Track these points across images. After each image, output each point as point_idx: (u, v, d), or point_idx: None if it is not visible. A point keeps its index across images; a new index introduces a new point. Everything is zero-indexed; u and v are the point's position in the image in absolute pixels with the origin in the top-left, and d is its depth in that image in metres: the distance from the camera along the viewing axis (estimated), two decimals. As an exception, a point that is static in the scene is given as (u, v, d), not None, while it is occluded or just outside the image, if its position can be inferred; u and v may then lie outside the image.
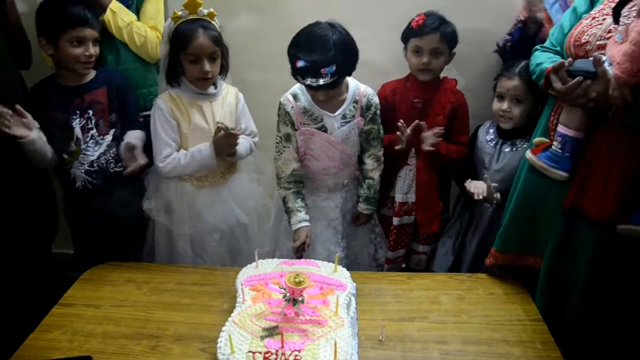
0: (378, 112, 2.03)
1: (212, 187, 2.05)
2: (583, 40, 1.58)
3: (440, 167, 2.16)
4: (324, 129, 1.99)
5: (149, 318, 1.66)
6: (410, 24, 2.06)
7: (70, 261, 2.18)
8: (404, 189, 2.19)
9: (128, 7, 2.14)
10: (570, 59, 1.56)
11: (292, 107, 1.98)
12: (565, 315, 1.71)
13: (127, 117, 2.06)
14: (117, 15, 2.06)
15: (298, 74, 1.82)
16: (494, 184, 2.02)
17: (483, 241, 2.12)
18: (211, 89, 2.02)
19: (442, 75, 2.15)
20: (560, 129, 1.63)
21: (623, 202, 1.54)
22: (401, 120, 2.03)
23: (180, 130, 1.99)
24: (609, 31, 1.53)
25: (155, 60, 2.23)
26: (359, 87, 2.01)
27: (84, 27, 1.88)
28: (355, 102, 1.99)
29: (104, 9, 2.04)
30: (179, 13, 1.91)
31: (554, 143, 1.65)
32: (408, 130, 2.04)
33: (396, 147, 2.06)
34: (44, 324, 1.63)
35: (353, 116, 1.99)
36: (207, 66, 1.92)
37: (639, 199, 1.55)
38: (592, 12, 1.62)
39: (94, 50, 1.92)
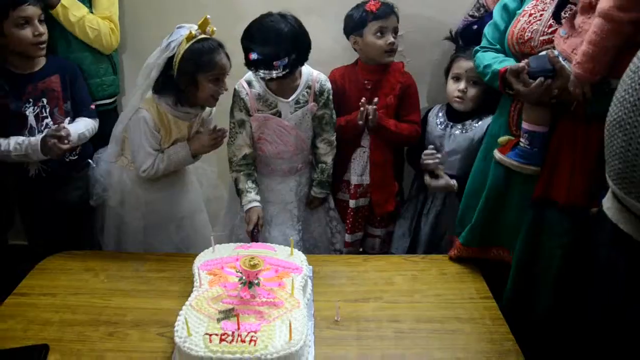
0: (331, 97, 2.08)
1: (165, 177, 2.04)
2: (526, 37, 1.64)
3: (393, 146, 2.20)
4: (278, 114, 2.02)
5: (106, 305, 1.66)
6: (364, 10, 2.07)
7: (25, 252, 2.16)
8: (359, 170, 2.23)
9: None
10: (526, 60, 1.59)
11: (247, 93, 2.01)
12: (534, 310, 1.75)
13: (80, 106, 2.03)
14: (69, 11, 2.03)
15: (251, 65, 1.87)
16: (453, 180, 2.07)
17: (437, 222, 2.17)
18: (205, 114, 2.03)
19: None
20: (526, 126, 1.66)
21: (590, 187, 1.59)
22: (364, 98, 2.05)
23: (162, 137, 1.96)
24: (550, 26, 1.59)
25: (110, 51, 2.22)
26: (311, 73, 2.05)
27: (25, 6, 1.82)
28: (309, 87, 2.03)
29: (53, 5, 2.00)
30: (194, 32, 1.81)
31: (521, 140, 1.69)
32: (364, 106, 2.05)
33: (358, 122, 2.07)
34: (-1, 313, 1.62)
35: (306, 101, 2.04)
36: (225, 85, 1.89)
37: (604, 181, 1.60)
38: (526, 9, 1.67)
39: (42, 28, 1.87)
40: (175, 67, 1.82)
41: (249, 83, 2.02)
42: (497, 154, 1.76)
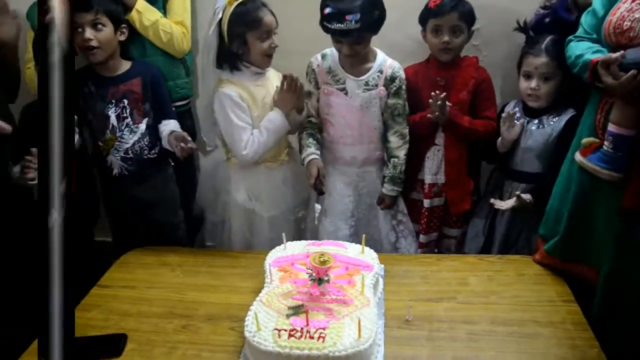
0: (404, 87, 2.06)
1: (281, 166, 2.13)
2: (625, 27, 1.48)
3: (468, 143, 2.13)
4: (344, 91, 2.04)
5: (181, 299, 1.71)
6: (427, 4, 2.06)
7: (110, 248, 2.26)
8: (433, 169, 2.17)
9: (154, 2, 2.18)
10: (622, 52, 1.45)
11: (318, 65, 2.09)
12: (622, 341, 1.62)
13: (161, 108, 2.12)
14: (143, 15, 2.11)
15: (325, 20, 1.91)
16: (524, 195, 1.96)
17: (513, 221, 2.08)
18: (271, 71, 2.09)
19: (463, 54, 2.14)
20: (611, 127, 1.53)
21: None
22: (435, 92, 1.99)
23: (251, 114, 2.01)
24: None
25: (182, 55, 2.28)
26: (386, 59, 2.07)
27: (75, 13, 1.87)
28: (380, 71, 2.05)
29: (130, 8, 2.09)
30: None
31: (605, 143, 1.55)
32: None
33: (430, 116, 2.01)
34: (83, 303, 1.71)
35: (376, 85, 2.04)
36: (276, 41, 1.98)
37: None
38: None
39: (90, 34, 1.90)
40: (225, 33, 1.93)
41: (323, 56, 2.09)
42: (577, 156, 1.63)
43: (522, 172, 2.03)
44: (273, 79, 2.08)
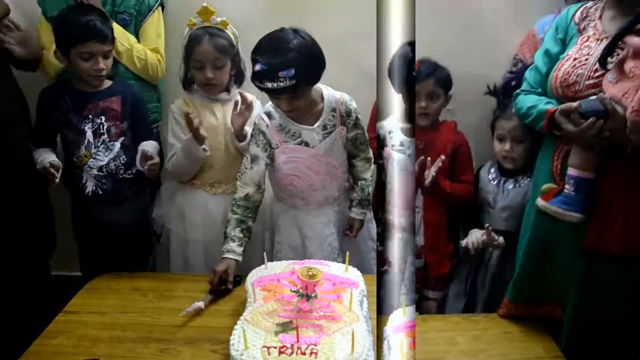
0: (359, 116, 1.99)
1: (226, 194, 2.05)
2: (571, 81, 1.60)
3: (447, 207, 2.16)
4: (304, 143, 1.93)
5: (156, 323, 1.64)
6: None
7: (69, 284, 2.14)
8: None
9: (126, 26, 2.17)
10: (577, 102, 1.55)
11: (267, 125, 1.92)
12: None
13: (141, 128, 2.10)
14: (117, 41, 2.09)
15: (256, 78, 1.76)
16: (494, 230, 2.01)
17: (495, 282, 2.09)
18: (223, 95, 2.06)
19: (441, 119, 2.20)
20: (572, 171, 1.60)
21: None
22: (421, 158, 1.99)
23: None
24: (595, 70, 1.56)
25: (156, 82, 2.26)
26: (334, 94, 1.95)
27: (92, 42, 1.90)
28: (334, 110, 1.94)
29: None
30: (194, 20, 1.97)
31: (566, 187, 1.61)
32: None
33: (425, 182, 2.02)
34: (49, 330, 1.61)
35: (334, 125, 1.94)
36: (210, 73, 1.96)
37: None
38: (569, 53, 1.64)
39: (103, 64, 1.94)
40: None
41: (269, 114, 1.94)
42: (540, 201, 1.68)
43: (500, 231, 2.04)
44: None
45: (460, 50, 2.35)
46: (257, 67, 1.73)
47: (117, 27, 2.09)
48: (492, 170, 2.15)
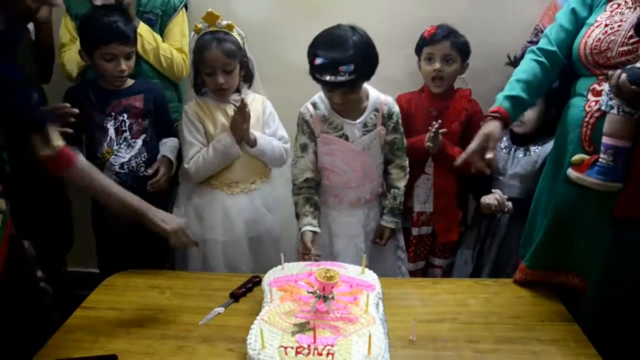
0: (400, 121, 2.04)
1: (244, 193, 2.07)
2: (602, 48, 1.60)
3: (457, 174, 2.15)
4: (344, 137, 1.98)
5: (173, 320, 1.63)
6: (422, 35, 2.15)
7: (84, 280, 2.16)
8: (422, 198, 2.20)
9: (152, 25, 2.20)
10: (620, 72, 1.51)
11: (311, 115, 1.99)
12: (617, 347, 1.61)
13: (163, 126, 2.14)
14: (144, 39, 2.13)
15: (316, 71, 1.82)
16: (505, 196, 2.04)
17: (501, 249, 2.12)
18: (235, 96, 2.07)
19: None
20: (608, 140, 1.58)
21: None
22: (434, 122, 2.02)
23: (207, 132, 2.02)
24: (630, 37, 1.56)
25: (180, 81, 2.29)
26: (379, 96, 2.02)
27: (114, 44, 1.94)
28: (377, 110, 1.99)
29: None
30: (200, 26, 1.98)
31: (602, 156, 1.60)
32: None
33: (426, 144, 2.06)
34: (67, 324, 1.61)
35: (374, 125, 1.99)
36: (221, 79, 1.97)
37: None
38: (599, 19, 1.64)
39: (125, 65, 1.98)
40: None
41: (314, 105, 2.00)
42: (572, 173, 1.66)
43: (510, 198, 2.07)
44: (254, 103, 2.10)
45: (474, 19, 2.33)
46: (318, 61, 1.79)
47: (143, 26, 2.14)
48: (504, 138, 2.15)
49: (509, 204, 2.05)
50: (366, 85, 1.99)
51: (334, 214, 2.08)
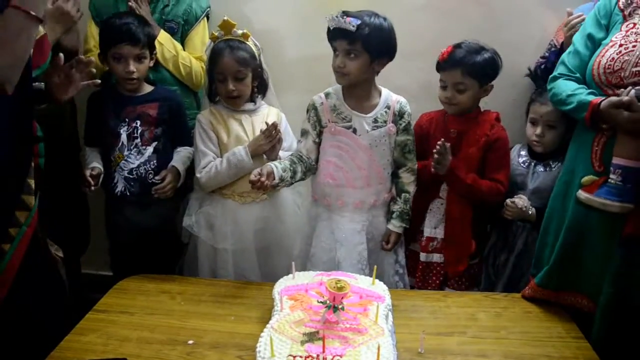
0: (411, 122, 2.02)
1: (255, 203, 2.07)
2: (616, 68, 1.60)
3: (472, 202, 2.05)
4: (352, 130, 1.97)
5: (183, 326, 1.65)
6: (439, 55, 2.03)
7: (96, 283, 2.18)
8: (433, 222, 2.10)
9: (174, 33, 2.23)
10: (630, 89, 1.55)
11: (322, 103, 2.00)
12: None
13: (179, 133, 2.16)
14: (164, 47, 2.16)
15: (329, 24, 1.87)
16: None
17: (516, 266, 2.10)
18: (249, 106, 2.08)
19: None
20: (618, 161, 1.59)
21: None
22: (442, 140, 1.95)
23: (220, 141, 2.04)
24: None
25: (198, 89, 2.31)
26: (391, 95, 2.02)
27: (123, 45, 1.96)
28: (388, 107, 1.99)
29: (153, 39, 2.11)
30: (216, 34, 2.00)
31: (612, 177, 1.60)
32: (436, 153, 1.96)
33: (433, 169, 1.98)
34: (79, 327, 1.63)
35: (385, 121, 1.98)
36: (231, 85, 1.98)
37: None
38: (614, 39, 1.64)
39: (134, 67, 1.99)
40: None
41: (327, 95, 2.01)
42: (582, 194, 1.66)
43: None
44: (270, 116, 2.10)
45: (489, 32, 2.22)
46: (336, 14, 1.85)
47: (164, 34, 2.17)
48: (523, 152, 2.14)
49: (533, 209, 1.99)
50: (380, 86, 2.01)
51: (337, 219, 2.04)
